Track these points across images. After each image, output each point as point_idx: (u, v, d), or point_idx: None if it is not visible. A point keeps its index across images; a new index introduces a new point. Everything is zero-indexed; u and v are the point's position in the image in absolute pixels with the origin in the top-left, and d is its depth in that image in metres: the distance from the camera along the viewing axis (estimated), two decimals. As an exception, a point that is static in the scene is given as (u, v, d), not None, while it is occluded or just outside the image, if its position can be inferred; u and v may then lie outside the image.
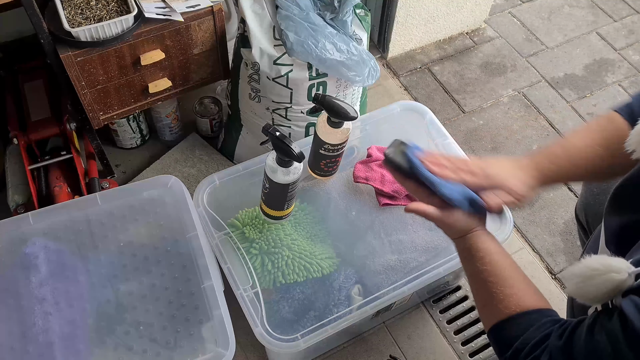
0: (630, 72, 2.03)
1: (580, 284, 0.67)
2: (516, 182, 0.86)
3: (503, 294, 0.78)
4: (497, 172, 0.87)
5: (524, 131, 1.86)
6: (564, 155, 0.88)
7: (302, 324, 1.16)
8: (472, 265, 0.84)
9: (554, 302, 1.48)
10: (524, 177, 0.87)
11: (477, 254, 0.83)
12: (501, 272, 0.81)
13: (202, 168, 1.64)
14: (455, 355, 1.41)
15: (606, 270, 0.65)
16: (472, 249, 0.84)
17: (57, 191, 1.37)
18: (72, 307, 1.08)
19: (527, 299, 0.78)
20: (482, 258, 0.83)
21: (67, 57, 1.20)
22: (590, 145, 0.87)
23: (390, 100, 1.88)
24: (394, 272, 1.20)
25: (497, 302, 0.79)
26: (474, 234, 0.85)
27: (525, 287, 0.80)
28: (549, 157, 0.89)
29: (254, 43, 1.35)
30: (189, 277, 1.13)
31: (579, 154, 0.87)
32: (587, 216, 1.16)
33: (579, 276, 0.68)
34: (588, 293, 0.67)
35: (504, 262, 0.82)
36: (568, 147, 0.88)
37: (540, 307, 0.77)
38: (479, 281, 0.83)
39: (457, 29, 2.09)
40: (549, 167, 0.88)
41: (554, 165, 0.88)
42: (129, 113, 1.43)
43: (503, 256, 0.83)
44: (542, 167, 0.88)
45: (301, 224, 1.26)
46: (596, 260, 0.66)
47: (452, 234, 0.88)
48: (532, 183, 0.87)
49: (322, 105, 1.12)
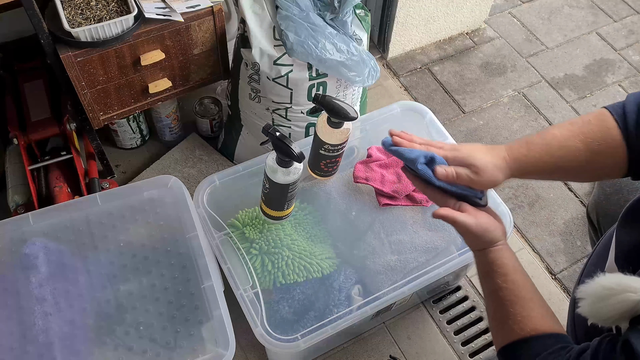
0: (630, 73, 2.03)
1: (595, 304, 0.65)
2: (482, 158, 0.84)
3: (521, 315, 0.77)
4: (466, 148, 0.85)
5: (524, 131, 1.86)
6: (541, 143, 0.85)
7: (302, 324, 1.16)
8: (492, 281, 0.81)
9: (554, 302, 1.49)
10: (492, 158, 0.84)
11: (500, 270, 0.81)
12: (521, 293, 0.79)
13: (202, 168, 1.64)
14: (455, 355, 1.41)
15: (622, 290, 0.62)
16: (495, 265, 0.82)
17: (57, 191, 1.37)
18: (72, 307, 1.08)
19: (543, 323, 0.76)
20: (504, 275, 0.80)
21: (67, 57, 1.20)
22: (569, 137, 0.83)
23: (390, 100, 1.88)
24: (394, 273, 1.20)
25: (512, 322, 0.77)
26: (498, 248, 0.83)
27: (542, 310, 0.78)
28: (525, 143, 0.86)
29: (254, 43, 1.35)
30: (188, 277, 1.13)
31: (556, 144, 0.84)
32: (598, 216, 1.16)
33: (592, 295, 0.65)
34: (602, 314, 0.65)
35: (524, 282, 0.80)
36: (546, 136, 0.85)
37: (555, 332, 0.76)
38: (498, 299, 0.80)
39: (457, 29, 2.09)
40: (523, 153, 0.85)
41: (528, 151, 0.85)
42: (129, 113, 1.43)
43: (524, 275, 0.81)
44: (515, 152, 0.85)
45: (301, 224, 1.26)
46: (611, 279, 0.64)
47: (477, 244, 0.84)
48: (500, 164, 0.84)
49: (322, 105, 1.12)
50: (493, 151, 0.85)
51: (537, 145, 0.85)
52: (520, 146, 0.86)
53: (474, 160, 0.83)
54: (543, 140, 0.85)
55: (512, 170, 0.85)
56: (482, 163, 0.83)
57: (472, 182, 0.84)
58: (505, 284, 0.80)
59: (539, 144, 0.85)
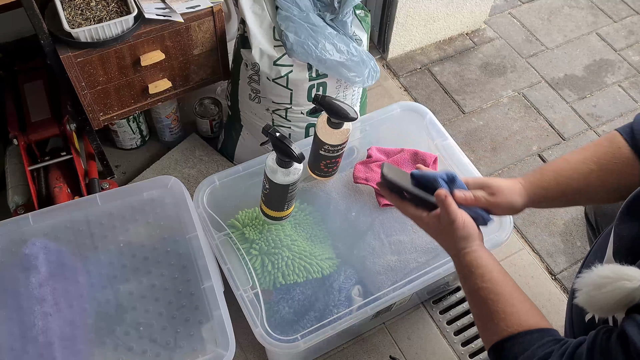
0: (630, 73, 2.03)
1: (591, 293, 0.66)
2: (497, 181, 0.89)
3: (504, 313, 0.78)
4: (484, 177, 0.91)
5: (523, 132, 1.86)
6: (553, 168, 0.90)
7: (302, 325, 1.16)
8: (472, 282, 0.83)
9: (553, 303, 1.49)
10: (508, 182, 0.89)
11: (477, 270, 0.83)
12: (502, 290, 0.80)
13: (202, 169, 1.64)
14: (455, 355, 1.41)
15: (618, 277, 0.63)
16: (472, 266, 0.84)
17: (57, 192, 1.37)
18: (71, 307, 1.08)
19: (528, 318, 0.77)
20: (482, 275, 0.82)
21: (67, 57, 1.20)
22: (581, 160, 0.88)
23: (390, 100, 1.88)
24: (394, 273, 1.20)
25: (498, 320, 0.78)
26: (472, 250, 0.85)
27: (526, 305, 0.80)
28: (539, 170, 0.91)
29: (254, 44, 1.35)
30: (188, 277, 1.13)
31: (569, 167, 0.88)
32: (596, 216, 1.16)
33: (589, 284, 0.66)
34: (598, 302, 0.66)
35: (504, 280, 0.82)
36: (558, 162, 0.90)
37: (542, 327, 0.77)
38: (479, 299, 0.82)
39: (457, 30, 2.09)
40: (537, 178, 0.89)
41: (542, 176, 0.89)
42: (129, 114, 1.43)
43: (503, 274, 0.83)
44: (530, 177, 0.90)
45: (301, 225, 1.26)
46: (608, 269, 0.65)
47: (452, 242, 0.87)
48: (516, 187, 0.88)
49: (322, 106, 1.12)
50: (510, 179, 0.90)
51: (550, 171, 0.90)
52: (534, 173, 0.91)
53: (490, 181, 0.89)
54: (555, 166, 0.90)
55: (529, 195, 0.89)
56: (498, 184, 0.88)
57: (490, 204, 0.88)
58: (484, 284, 0.81)
59: (552, 170, 0.90)
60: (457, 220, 0.85)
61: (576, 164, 0.88)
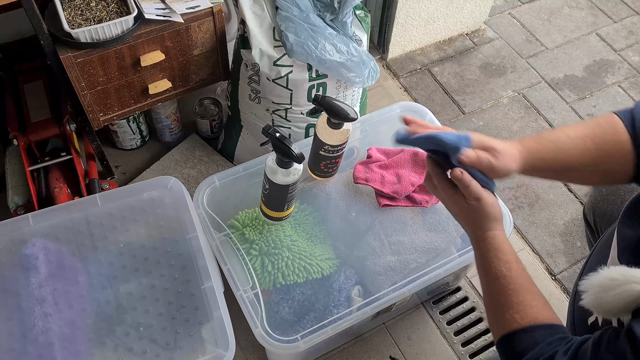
0: (630, 73, 2.03)
1: (598, 295, 0.65)
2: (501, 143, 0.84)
3: (523, 305, 0.76)
4: (484, 136, 0.85)
5: (523, 132, 1.86)
6: (553, 139, 0.86)
7: (302, 325, 1.16)
8: (495, 268, 0.80)
9: (554, 303, 1.48)
10: (508, 146, 0.84)
11: (504, 257, 0.80)
12: (523, 282, 0.79)
13: (202, 169, 1.64)
14: (455, 356, 1.41)
15: (626, 280, 0.62)
16: (498, 251, 0.81)
17: (57, 192, 1.37)
18: (71, 308, 1.08)
19: (544, 313, 0.77)
20: (508, 262, 0.80)
21: (67, 58, 1.20)
22: (581, 137, 0.84)
23: (390, 101, 1.88)
24: (394, 273, 1.20)
25: (514, 311, 0.77)
26: (499, 233, 0.82)
27: (542, 300, 0.78)
28: (538, 138, 0.87)
29: (254, 44, 1.35)
30: (188, 278, 1.13)
31: (569, 142, 0.85)
32: (595, 217, 1.16)
33: (597, 286, 0.65)
34: (605, 305, 0.65)
35: (525, 272, 0.80)
36: (558, 134, 0.86)
37: (554, 323, 0.76)
38: (499, 286, 0.79)
39: (456, 30, 2.09)
40: (535, 147, 0.85)
41: (541, 146, 0.85)
42: (129, 114, 1.43)
43: (523, 266, 0.81)
44: (529, 144, 0.85)
45: (301, 225, 1.26)
46: (615, 271, 0.64)
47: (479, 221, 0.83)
48: (515, 153, 0.84)
49: (322, 106, 1.12)
50: (507, 142, 0.85)
51: (549, 142, 0.85)
52: (534, 140, 0.86)
53: (493, 143, 0.83)
54: (555, 137, 0.86)
55: (525, 163, 0.84)
56: (502, 148, 0.82)
57: (491, 167, 0.82)
58: (509, 272, 0.79)
59: (551, 140, 0.85)
60: (484, 198, 0.81)
61: (576, 140, 0.84)
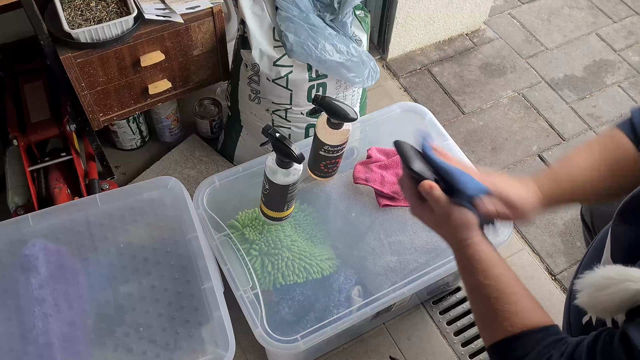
0: (629, 73, 2.03)
1: (594, 294, 0.64)
2: (517, 195, 0.83)
3: (508, 312, 0.75)
4: (500, 182, 0.83)
5: (523, 132, 1.86)
6: (567, 176, 0.86)
7: (302, 325, 1.16)
8: (473, 278, 0.80)
9: (553, 303, 1.49)
10: (525, 194, 0.84)
11: (479, 266, 0.79)
12: (505, 288, 0.77)
13: (202, 169, 1.64)
14: (455, 356, 1.41)
15: (622, 279, 0.62)
16: (473, 260, 0.80)
17: (57, 192, 1.37)
18: (71, 308, 1.08)
19: (532, 317, 0.75)
20: (484, 271, 0.78)
21: (66, 58, 1.20)
22: (594, 166, 0.85)
23: (390, 101, 1.88)
24: (393, 273, 1.20)
25: (501, 319, 0.75)
26: (474, 241, 0.81)
27: (529, 303, 0.77)
28: (552, 177, 0.86)
29: (253, 44, 1.35)
30: (188, 278, 1.13)
31: (582, 175, 0.85)
32: (592, 217, 1.16)
33: (592, 285, 0.65)
34: (601, 304, 0.64)
35: (507, 276, 0.79)
36: (571, 168, 0.87)
37: (546, 325, 0.75)
38: (481, 296, 0.79)
39: (456, 30, 2.09)
40: (555, 192, 0.86)
41: (560, 190, 0.86)
42: (128, 114, 1.43)
43: (505, 269, 0.79)
44: (547, 190, 0.85)
45: (301, 225, 1.26)
46: (611, 269, 0.64)
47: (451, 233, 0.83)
48: (534, 201, 0.84)
49: (321, 106, 1.12)
50: (526, 187, 0.84)
51: (566, 181, 0.86)
52: (550, 180, 0.86)
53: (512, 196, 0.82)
54: (568, 172, 0.87)
55: (543, 208, 0.86)
56: (520, 201, 0.82)
57: (507, 219, 0.84)
58: (487, 280, 0.78)
59: (568, 179, 0.86)
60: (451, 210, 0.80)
61: (589, 171, 0.85)
